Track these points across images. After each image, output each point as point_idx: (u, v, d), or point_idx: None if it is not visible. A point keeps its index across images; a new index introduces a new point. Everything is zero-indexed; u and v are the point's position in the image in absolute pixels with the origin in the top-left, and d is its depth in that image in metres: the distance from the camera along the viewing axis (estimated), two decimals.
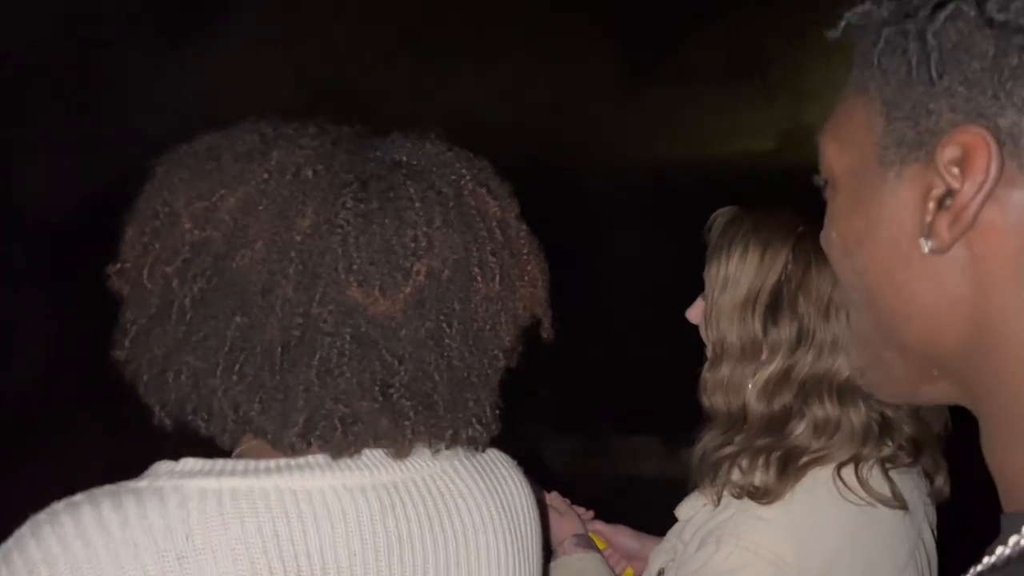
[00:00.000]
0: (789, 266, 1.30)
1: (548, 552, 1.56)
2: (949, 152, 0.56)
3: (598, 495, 1.80)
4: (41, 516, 0.80)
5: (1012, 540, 0.56)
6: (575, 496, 1.75)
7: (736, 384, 1.33)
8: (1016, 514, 0.58)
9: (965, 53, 0.55)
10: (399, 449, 0.92)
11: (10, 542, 0.78)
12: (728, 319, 1.33)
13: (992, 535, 0.61)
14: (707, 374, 1.37)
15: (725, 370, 1.34)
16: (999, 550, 0.57)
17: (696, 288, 1.42)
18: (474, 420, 0.94)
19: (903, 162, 0.60)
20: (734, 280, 1.33)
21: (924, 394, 0.67)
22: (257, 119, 0.93)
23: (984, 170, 0.55)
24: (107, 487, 0.82)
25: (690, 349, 1.45)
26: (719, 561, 1.25)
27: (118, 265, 0.91)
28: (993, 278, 0.57)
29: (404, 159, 0.93)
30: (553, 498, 1.66)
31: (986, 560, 0.57)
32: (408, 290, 0.86)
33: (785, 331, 1.30)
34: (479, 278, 0.91)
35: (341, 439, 0.87)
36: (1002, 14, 0.54)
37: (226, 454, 0.91)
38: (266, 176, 0.86)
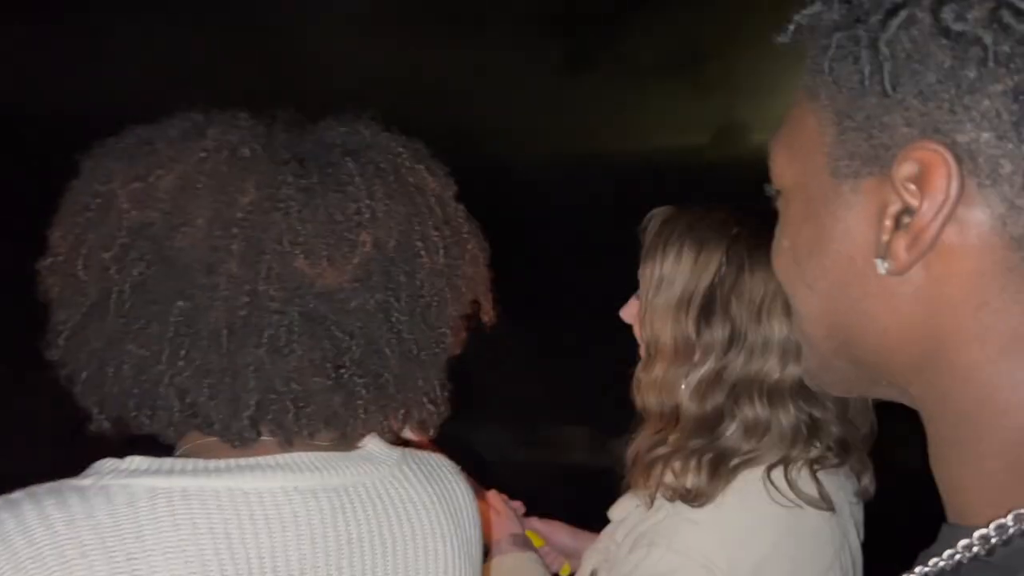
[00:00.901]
0: (723, 268, 1.31)
1: (485, 551, 1.56)
2: (905, 168, 0.54)
3: (531, 485, 1.80)
4: None
5: (947, 553, 0.55)
6: (509, 486, 1.75)
7: (669, 384, 1.33)
8: (955, 526, 0.58)
9: (919, 64, 0.53)
10: (350, 432, 0.91)
11: None
12: (662, 319, 1.33)
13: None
14: (640, 374, 1.37)
15: (658, 370, 1.34)
16: (932, 561, 0.56)
17: (632, 279, 1.42)
18: (425, 399, 0.94)
19: (857, 175, 0.57)
20: (668, 280, 1.33)
21: (874, 394, 0.66)
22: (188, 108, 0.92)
23: (944, 189, 0.52)
24: (47, 485, 0.79)
25: (624, 341, 1.44)
26: (651, 564, 1.26)
27: (49, 260, 0.88)
28: (947, 299, 0.55)
29: (340, 140, 0.92)
30: (491, 496, 1.66)
31: (919, 570, 0.57)
32: (355, 260, 0.85)
33: (718, 332, 1.30)
34: (423, 252, 0.90)
35: (293, 422, 0.85)
36: (959, 24, 0.51)
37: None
38: (203, 155, 0.84)
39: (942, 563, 0.55)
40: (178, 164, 0.84)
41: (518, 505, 1.72)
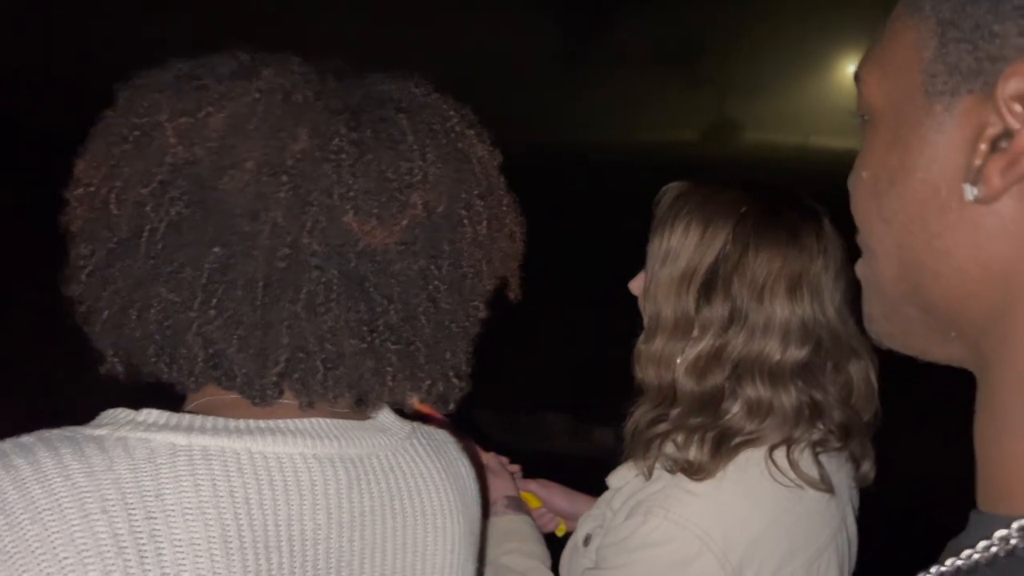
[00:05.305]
0: (728, 246, 1.30)
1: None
2: (1013, 85, 0.47)
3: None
4: None
5: (982, 544, 0.50)
6: None
7: (667, 358, 1.32)
8: (987, 515, 0.52)
9: None
10: (372, 400, 0.88)
11: None
12: (664, 293, 1.33)
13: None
14: (641, 346, 1.36)
15: (658, 343, 1.33)
16: (965, 553, 0.51)
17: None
18: (451, 373, 0.91)
19: (954, 93, 0.51)
20: (674, 255, 1.32)
21: (935, 354, 0.60)
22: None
23: None
24: (58, 431, 0.75)
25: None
26: (646, 532, 1.25)
27: (76, 191, 0.83)
28: None
29: (392, 95, 0.88)
30: (489, 458, 1.66)
31: (950, 562, 0.52)
32: (404, 222, 0.82)
33: (717, 310, 1.30)
34: (466, 222, 0.87)
35: (319, 384, 0.82)
36: None
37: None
38: (257, 95, 0.80)
39: (976, 555, 0.50)
40: (230, 103, 0.80)
41: (515, 468, 1.72)
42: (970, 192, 0.50)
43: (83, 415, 0.80)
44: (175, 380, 0.84)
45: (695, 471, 1.26)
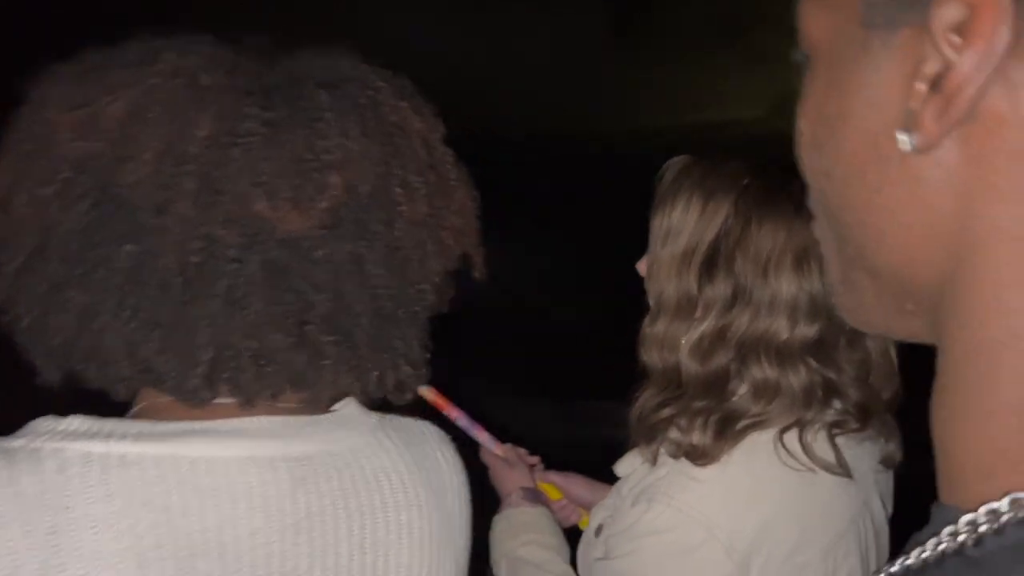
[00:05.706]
0: (729, 220, 1.24)
1: (495, 505, 1.57)
2: (949, 12, 0.40)
3: (566, 460, 1.77)
4: None
5: (931, 541, 0.44)
6: (553, 462, 1.72)
7: (671, 340, 1.27)
8: (946, 507, 0.46)
9: None
10: (319, 395, 0.83)
11: None
12: (667, 272, 1.27)
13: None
14: (646, 329, 1.31)
15: (661, 325, 1.28)
16: (916, 551, 0.45)
17: None
18: (402, 361, 0.86)
19: (892, 25, 0.43)
20: (675, 232, 1.27)
21: (896, 330, 0.52)
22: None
23: (988, 37, 0.39)
24: None
25: None
26: (650, 520, 1.21)
27: None
28: (988, 187, 0.42)
29: (314, 72, 0.83)
30: (505, 449, 1.63)
31: (900, 560, 0.46)
32: (323, 205, 0.77)
33: (720, 289, 1.24)
34: (402, 200, 0.82)
35: (253, 381, 0.78)
36: None
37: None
38: (157, 81, 0.76)
39: (926, 553, 0.44)
40: (128, 90, 0.76)
41: (535, 460, 1.68)
42: (906, 141, 0.43)
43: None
44: (107, 386, 0.81)
45: (698, 456, 1.21)
